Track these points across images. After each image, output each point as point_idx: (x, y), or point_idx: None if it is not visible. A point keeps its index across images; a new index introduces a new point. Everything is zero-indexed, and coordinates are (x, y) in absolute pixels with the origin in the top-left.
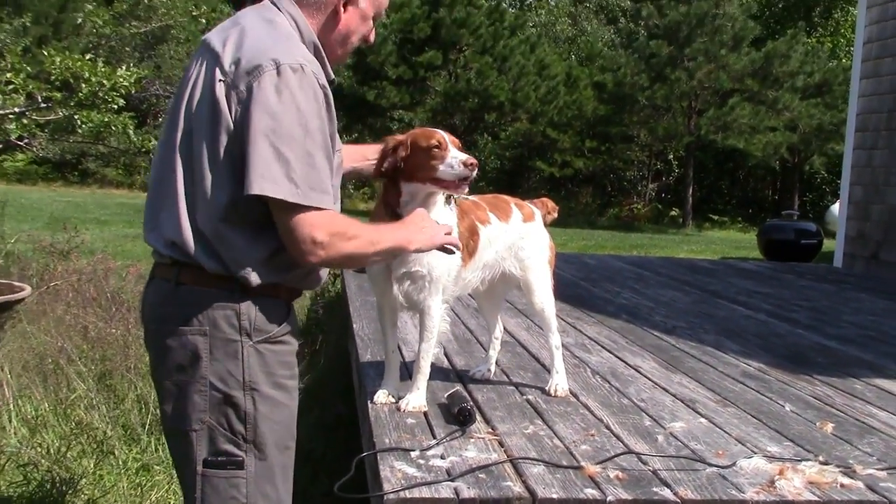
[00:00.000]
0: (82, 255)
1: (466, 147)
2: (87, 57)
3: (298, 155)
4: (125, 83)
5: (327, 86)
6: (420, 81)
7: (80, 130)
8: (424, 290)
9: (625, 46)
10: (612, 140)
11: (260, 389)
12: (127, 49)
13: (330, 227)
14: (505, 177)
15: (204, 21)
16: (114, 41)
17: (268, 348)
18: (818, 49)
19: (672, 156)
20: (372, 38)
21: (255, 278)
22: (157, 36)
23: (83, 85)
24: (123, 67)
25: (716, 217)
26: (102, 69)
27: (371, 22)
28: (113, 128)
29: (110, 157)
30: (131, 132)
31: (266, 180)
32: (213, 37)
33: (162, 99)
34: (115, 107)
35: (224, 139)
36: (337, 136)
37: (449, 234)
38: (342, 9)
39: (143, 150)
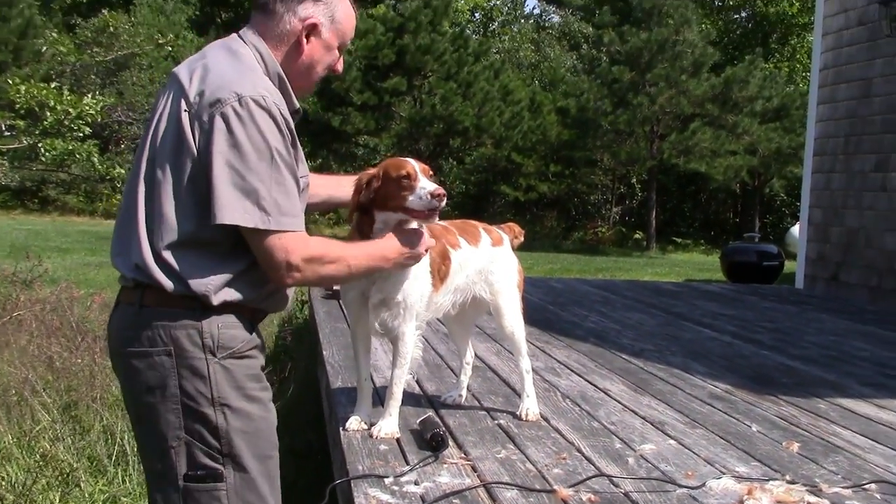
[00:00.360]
0: (45, 284)
1: (432, 172)
2: (53, 85)
3: (266, 182)
4: (91, 111)
5: (289, 117)
6: (385, 107)
7: (43, 158)
8: (399, 316)
9: (587, 72)
10: (575, 164)
11: (231, 404)
12: (92, 76)
13: (305, 251)
14: (470, 201)
15: (169, 48)
16: (77, 69)
17: (234, 363)
18: (776, 74)
19: (635, 179)
20: (340, 67)
21: (217, 298)
22: (119, 62)
23: (48, 113)
24: (89, 95)
25: (679, 240)
26: (68, 97)
27: (336, 52)
28: (77, 155)
29: (71, 184)
30: (96, 160)
31: (235, 210)
32: (182, 69)
33: (124, 125)
34: (81, 135)
35: (188, 168)
36: (303, 163)
37: (420, 236)
38: (304, 40)
39: (108, 177)
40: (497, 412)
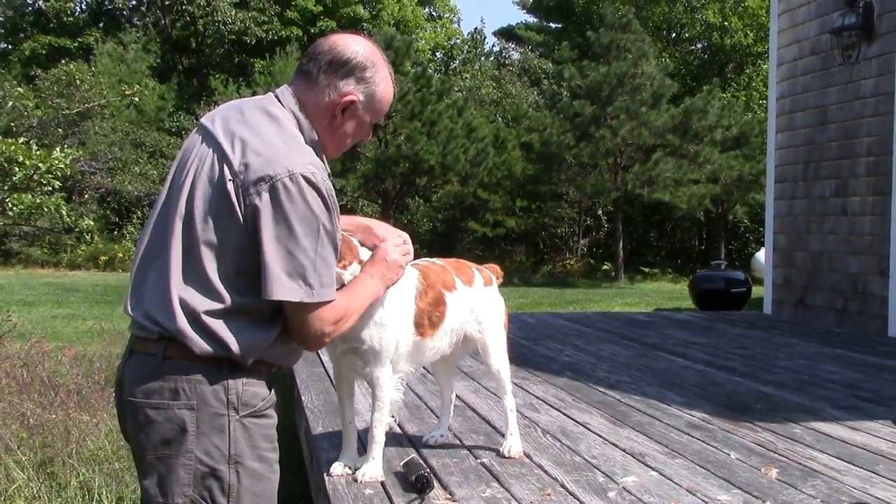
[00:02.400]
0: (14, 338)
1: (399, 211)
2: (21, 140)
3: (312, 257)
4: (61, 165)
5: (332, 188)
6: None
7: (10, 213)
8: (370, 363)
9: (549, 107)
10: (542, 198)
11: (244, 463)
12: (59, 130)
13: (335, 317)
14: (438, 239)
15: (137, 100)
16: (42, 121)
17: (253, 422)
18: (733, 103)
19: (601, 211)
20: (368, 138)
21: (251, 360)
22: (81, 112)
23: (17, 169)
24: (57, 149)
25: (647, 269)
26: (38, 152)
27: (368, 126)
28: (45, 209)
29: (35, 236)
30: (64, 212)
31: (284, 286)
32: (217, 128)
33: (87, 175)
34: (51, 188)
35: (234, 238)
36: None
37: (404, 244)
38: (340, 114)
39: (76, 228)
40: (480, 450)
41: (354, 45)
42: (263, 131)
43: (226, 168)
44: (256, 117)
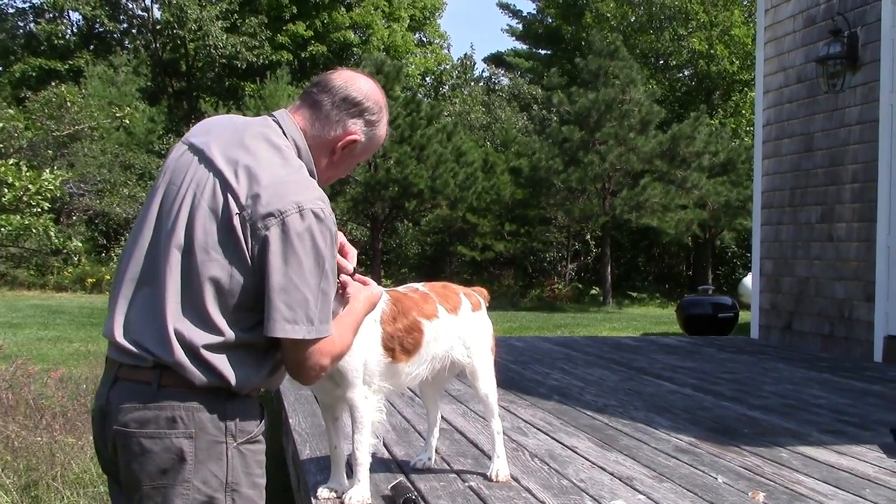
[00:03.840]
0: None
1: (388, 234)
2: (11, 162)
3: (315, 293)
4: (50, 187)
5: (335, 220)
6: None
7: None
8: (340, 385)
9: (538, 132)
10: (530, 223)
11: (240, 490)
12: (48, 152)
13: (332, 351)
14: (427, 262)
15: (127, 122)
16: (32, 143)
17: (248, 448)
18: (721, 130)
19: (589, 236)
20: (348, 174)
21: (247, 390)
22: (70, 134)
23: (6, 190)
24: (47, 170)
25: (634, 294)
26: (28, 174)
27: (356, 163)
28: (33, 230)
29: (21, 258)
30: (52, 234)
31: (288, 323)
32: (216, 154)
33: (76, 197)
34: (39, 210)
35: (238, 272)
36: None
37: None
38: (340, 151)
39: (64, 249)
40: (467, 474)
41: (367, 87)
42: (268, 162)
43: (231, 200)
44: (258, 146)
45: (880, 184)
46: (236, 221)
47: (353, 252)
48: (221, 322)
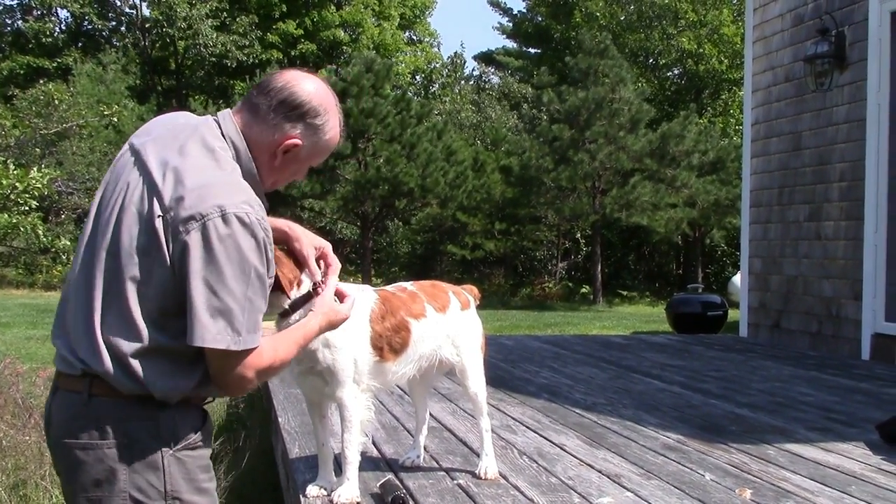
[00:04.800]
0: None
1: (378, 233)
2: None
3: (241, 302)
4: (38, 185)
5: (267, 227)
6: (330, 170)
7: None
8: (329, 384)
9: (528, 131)
10: (520, 221)
11: (182, 497)
12: (36, 150)
13: (258, 365)
14: (417, 261)
15: (115, 119)
16: (19, 141)
17: (187, 455)
18: (710, 129)
19: (579, 234)
20: (302, 178)
21: (176, 399)
22: (59, 132)
23: None
24: (35, 169)
25: (625, 292)
26: (15, 172)
27: (305, 168)
28: (21, 229)
29: (9, 257)
30: (41, 232)
31: (209, 331)
32: (150, 155)
33: (65, 195)
34: (27, 208)
35: (159, 276)
36: (272, 262)
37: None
38: (281, 155)
39: (52, 248)
40: (456, 472)
41: (309, 88)
42: (197, 164)
43: (156, 202)
44: (191, 147)
45: (867, 182)
46: (158, 224)
47: (335, 264)
48: (143, 327)
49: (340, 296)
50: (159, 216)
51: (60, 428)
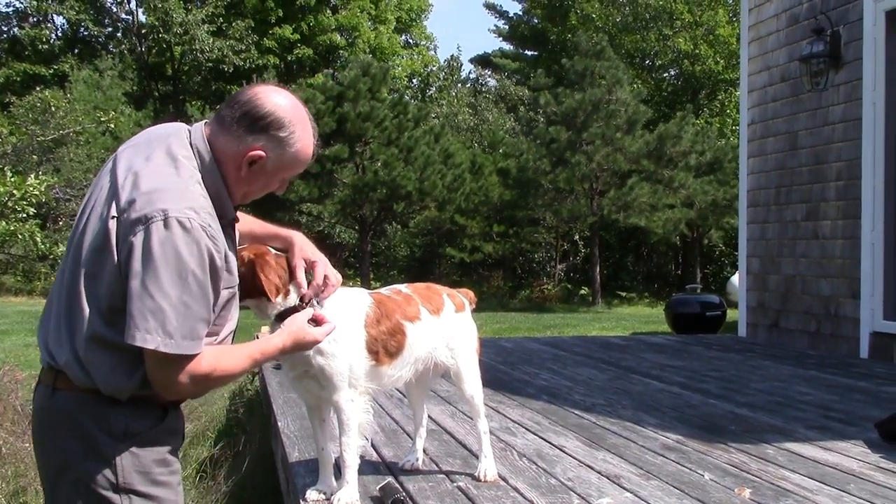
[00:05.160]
0: None
1: (376, 237)
2: None
3: (175, 306)
4: (35, 192)
5: (217, 234)
6: (327, 174)
7: None
8: (325, 388)
9: (525, 133)
10: (519, 224)
11: (136, 489)
12: (33, 157)
13: (194, 371)
14: (416, 264)
15: (112, 126)
16: (17, 148)
17: (142, 450)
18: (707, 129)
19: (578, 236)
20: (281, 190)
21: (124, 395)
22: (56, 139)
23: None
24: (32, 175)
25: (624, 293)
26: (12, 179)
27: (276, 180)
28: (19, 236)
29: (7, 264)
30: (39, 239)
31: (140, 330)
32: (122, 162)
33: (62, 202)
34: (24, 215)
35: (108, 274)
36: (233, 272)
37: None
38: (246, 167)
39: (51, 255)
40: (456, 474)
41: (274, 101)
42: (157, 171)
43: (113, 204)
44: (157, 154)
45: (864, 181)
46: (112, 225)
47: (334, 278)
48: (96, 325)
49: (319, 321)
50: (113, 217)
51: (34, 418)
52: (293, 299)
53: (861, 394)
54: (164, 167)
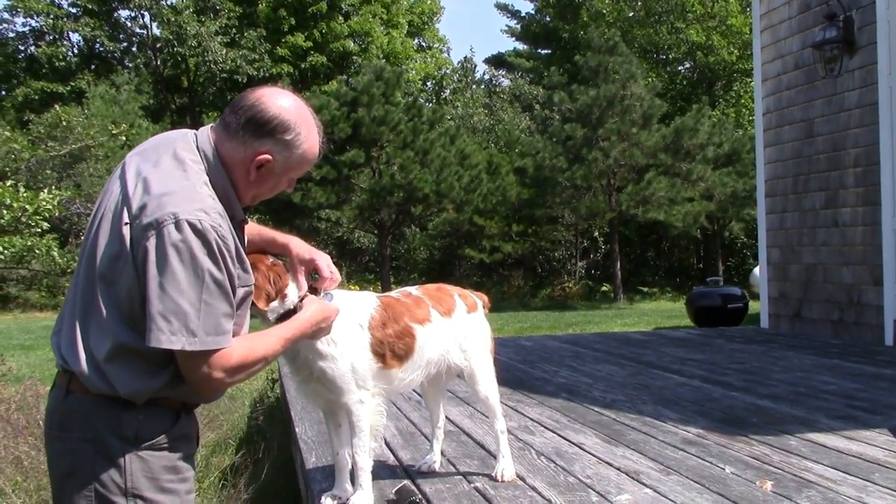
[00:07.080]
0: (10, 382)
1: (395, 240)
2: (9, 183)
3: (196, 305)
4: (48, 206)
5: (228, 235)
6: (344, 180)
7: (1, 256)
8: (332, 391)
9: (541, 132)
10: (537, 222)
11: (143, 495)
12: (48, 171)
13: (227, 364)
14: (436, 266)
15: (123, 138)
16: (32, 164)
17: (152, 455)
18: (723, 120)
19: (597, 233)
20: (290, 189)
21: (142, 399)
22: (75, 154)
23: (5, 211)
24: (45, 191)
25: (645, 289)
26: (25, 194)
27: (285, 181)
28: (36, 251)
29: (32, 280)
30: (56, 254)
31: (164, 333)
32: (131, 167)
33: (83, 217)
34: (39, 230)
35: (126, 279)
36: (248, 272)
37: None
38: (254, 171)
39: (69, 270)
40: (473, 475)
41: (279, 104)
42: (164, 173)
43: (125, 210)
44: (164, 159)
45: (883, 167)
46: (126, 231)
47: (334, 277)
48: (117, 330)
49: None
50: (126, 223)
51: (46, 419)
52: (292, 301)
53: (886, 381)
54: (172, 171)
